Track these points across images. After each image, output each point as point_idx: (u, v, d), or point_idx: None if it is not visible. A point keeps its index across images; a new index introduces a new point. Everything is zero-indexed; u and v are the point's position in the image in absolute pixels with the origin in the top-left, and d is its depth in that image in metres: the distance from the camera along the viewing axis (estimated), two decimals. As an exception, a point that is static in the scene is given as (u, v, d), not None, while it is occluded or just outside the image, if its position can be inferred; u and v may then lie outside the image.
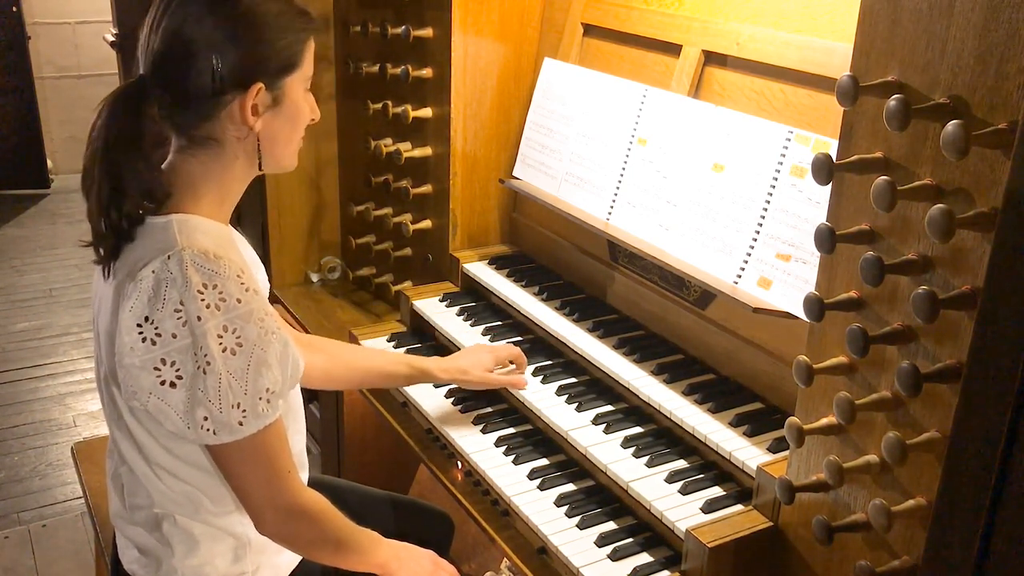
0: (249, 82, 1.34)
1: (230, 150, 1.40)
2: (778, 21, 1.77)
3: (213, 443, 1.35)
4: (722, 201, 1.79)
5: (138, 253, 1.33)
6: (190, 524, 1.47)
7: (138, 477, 1.46)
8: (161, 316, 1.28)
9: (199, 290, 1.27)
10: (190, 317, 1.27)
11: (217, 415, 1.31)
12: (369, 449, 2.51)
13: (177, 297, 1.27)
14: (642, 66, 2.11)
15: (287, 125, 1.43)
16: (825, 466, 1.29)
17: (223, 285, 1.29)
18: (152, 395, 1.31)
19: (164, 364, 1.29)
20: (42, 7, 6.61)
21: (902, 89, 1.16)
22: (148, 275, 1.29)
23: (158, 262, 1.29)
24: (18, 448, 3.67)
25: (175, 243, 1.31)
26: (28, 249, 5.67)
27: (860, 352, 1.20)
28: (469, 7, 2.24)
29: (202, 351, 1.28)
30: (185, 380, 1.30)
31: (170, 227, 1.33)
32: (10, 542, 3.11)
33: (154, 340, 1.28)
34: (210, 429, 1.32)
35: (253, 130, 1.38)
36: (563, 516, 1.66)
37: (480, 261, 2.39)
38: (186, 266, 1.28)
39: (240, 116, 1.36)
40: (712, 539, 1.46)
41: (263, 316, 1.34)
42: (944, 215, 1.05)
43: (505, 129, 2.40)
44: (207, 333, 1.28)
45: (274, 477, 1.41)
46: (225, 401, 1.31)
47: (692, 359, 1.91)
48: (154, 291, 1.28)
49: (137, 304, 1.29)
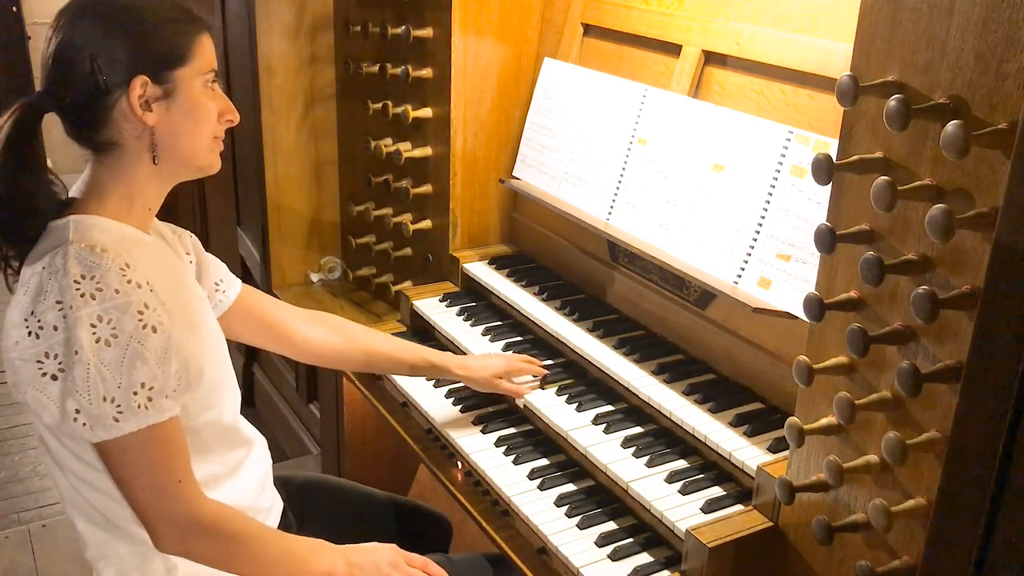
0: (131, 75, 1.35)
1: (132, 150, 1.40)
2: (778, 21, 1.77)
3: (91, 439, 1.32)
4: (722, 201, 1.79)
5: (35, 254, 1.35)
6: (114, 543, 1.45)
7: (62, 493, 1.45)
8: (43, 308, 1.28)
9: (76, 280, 1.27)
10: (66, 308, 1.27)
11: (88, 407, 1.29)
12: (369, 449, 2.51)
13: (57, 288, 1.28)
14: (642, 66, 2.11)
15: (186, 120, 1.41)
16: (825, 466, 1.29)
17: (101, 276, 1.29)
18: (32, 387, 1.31)
19: (47, 357, 1.29)
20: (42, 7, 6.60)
21: (902, 89, 1.16)
22: (38, 271, 1.31)
23: (47, 258, 1.30)
24: (18, 448, 3.67)
25: (66, 239, 1.32)
26: (28, 249, 5.66)
27: (860, 352, 1.20)
28: (469, 7, 2.24)
29: (74, 341, 1.27)
30: (65, 372, 1.29)
31: (67, 227, 1.34)
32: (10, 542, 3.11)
33: (37, 334, 1.29)
34: (85, 423, 1.30)
35: (147, 124, 1.38)
36: (563, 516, 1.66)
37: (480, 261, 2.39)
38: (69, 259, 1.29)
39: (130, 111, 1.36)
40: (712, 539, 1.46)
41: (143, 310, 1.31)
42: (944, 215, 1.05)
43: (505, 129, 2.40)
44: (79, 322, 1.26)
45: (164, 486, 1.34)
46: (95, 393, 1.28)
47: (692, 359, 1.91)
48: (39, 286, 1.29)
49: (24, 299, 1.31)
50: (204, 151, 1.45)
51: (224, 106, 1.46)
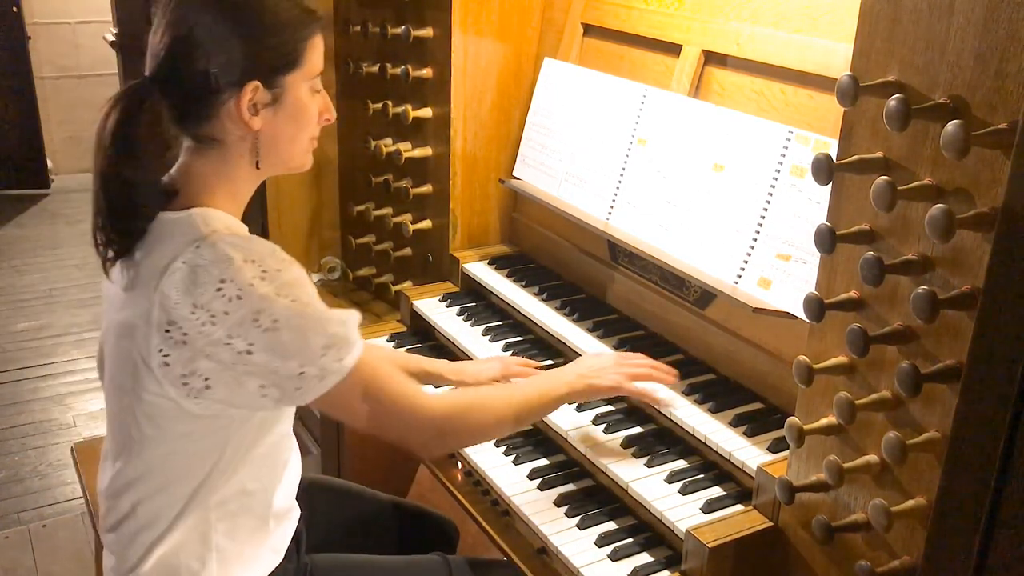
0: (244, 80, 1.34)
1: (234, 150, 1.39)
2: (778, 21, 1.77)
3: (321, 391, 1.33)
4: (722, 201, 1.79)
5: (161, 249, 1.32)
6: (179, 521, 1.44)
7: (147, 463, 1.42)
8: (207, 299, 1.26)
9: (242, 264, 1.27)
10: (243, 287, 1.26)
11: (313, 361, 1.31)
12: (369, 449, 2.51)
13: (217, 276, 1.26)
14: (642, 66, 2.11)
15: (290, 124, 1.41)
16: (825, 466, 1.29)
17: (261, 259, 1.30)
18: (236, 365, 1.29)
19: (232, 339, 1.28)
20: (42, 7, 6.61)
21: (902, 89, 1.16)
22: (179, 267, 1.28)
23: (189, 252, 1.28)
24: (18, 448, 3.67)
25: (200, 232, 1.31)
26: (28, 249, 5.67)
27: (860, 352, 1.20)
28: (469, 7, 2.24)
29: (265, 313, 1.27)
30: (257, 345, 1.28)
31: (192, 219, 1.33)
32: (10, 542, 3.11)
33: (211, 322, 1.27)
34: (316, 375, 1.31)
35: (252, 129, 1.37)
36: (563, 516, 1.66)
37: (480, 261, 2.39)
38: (219, 247, 1.28)
39: (238, 115, 1.35)
40: (712, 539, 1.46)
41: (306, 281, 1.34)
42: (944, 215, 1.05)
43: (505, 129, 2.40)
44: (265, 296, 1.27)
45: (395, 407, 1.41)
46: (313, 347, 1.30)
47: (692, 359, 1.91)
48: (191, 279, 1.27)
49: (180, 297, 1.28)
50: (301, 153, 1.47)
51: (324, 105, 1.46)
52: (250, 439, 1.42)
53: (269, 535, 1.52)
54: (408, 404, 1.43)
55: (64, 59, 6.80)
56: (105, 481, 1.50)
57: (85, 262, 5.48)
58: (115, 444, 1.46)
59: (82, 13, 6.67)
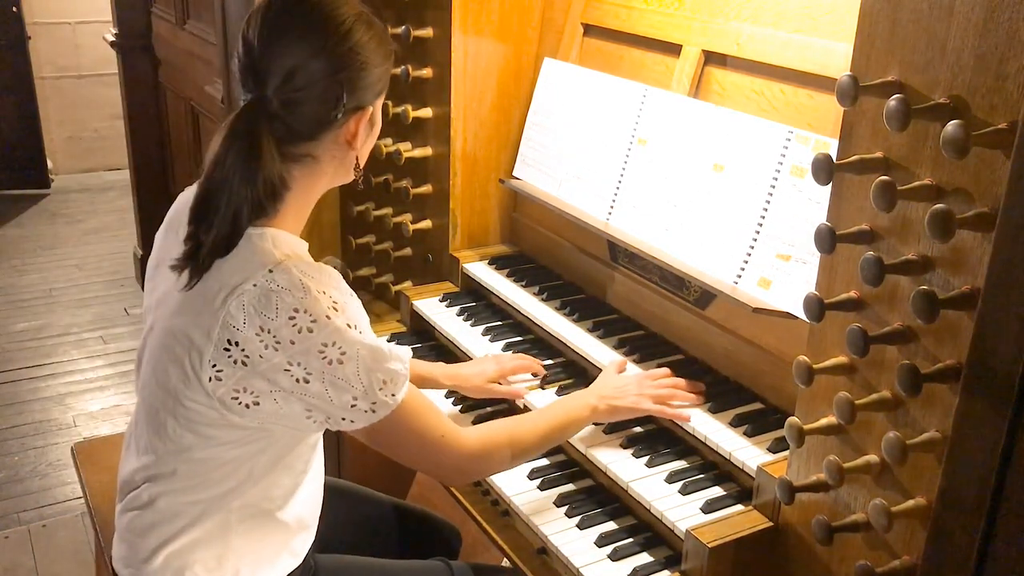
0: (360, 108, 1.40)
1: (325, 167, 1.44)
2: (778, 21, 1.77)
3: (370, 421, 1.37)
4: (722, 201, 1.79)
5: (232, 265, 1.33)
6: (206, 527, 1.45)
7: (177, 469, 1.43)
8: (276, 325, 1.28)
9: (317, 294, 1.30)
10: (317, 318, 1.29)
11: (367, 394, 1.34)
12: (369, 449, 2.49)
13: (291, 304, 1.28)
14: (642, 66, 2.11)
15: (369, 140, 1.50)
16: (825, 466, 1.29)
17: (330, 290, 1.33)
18: (292, 391, 1.32)
19: (292, 365, 1.30)
20: (42, 7, 6.61)
21: (902, 89, 1.16)
22: (250, 289, 1.29)
23: (261, 275, 1.30)
24: (18, 448, 3.67)
25: (272, 255, 1.32)
26: (28, 249, 5.67)
27: (860, 352, 1.20)
28: (469, 7, 2.24)
29: (335, 345, 1.30)
30: (315, 375, 1.31)
31: (264, 239, 1.35)
32: (10, 542, 3.11)
33: (275, 347, 1.29)
34: (367, 409, 1.35)
35: (354, 149, 1.44)
36: (563, 516, 1.66)
37: (480, 261, 2.39)
38: (298, 275, 1.30)
39: (347, 136, 1.41)
40: (712, 539, 1.46)
41: (364, 314, 1.39)
42: (944, 215, 1.05)
43: (505, 129, 2.40)
44: (338, 329, 1.30)
45: (432, 444, 1.46)
46: (372, 380, 1.34)
47: (692, 359, 1.91)
48: (262, 303, 1.29)
49: (248, 319, 1.29)
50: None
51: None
52: (286, 450, 1.45)
53: (291, 538, 1.53)
54: (445, 442, 1.47)
55: (64, 59, 6.80)
56: (128, 469, 1.52)
57: (85, 262, 5.49)
58: (145, 437, 1.46)
59: (82, 13, 6.67)
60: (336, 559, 1.71)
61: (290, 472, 1.48)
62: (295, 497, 1.51)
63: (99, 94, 6.81)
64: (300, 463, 1.50)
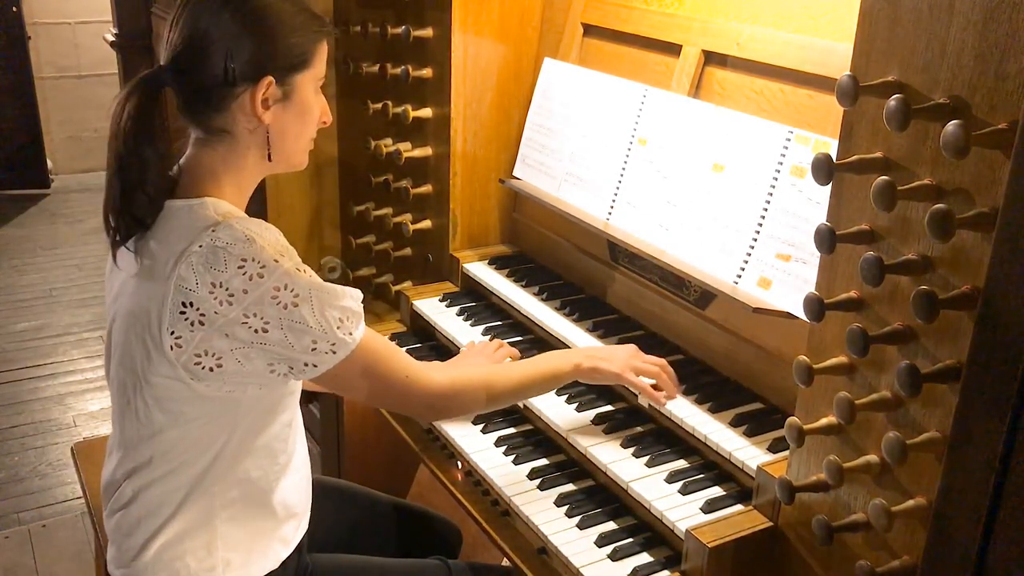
0: (260, 75, 1.40)
1: (243, 142, 1.45)
2: (778, 21, 1.77)
3: (333, 363, 1.39)
4: (722, 201, 1.79)
5: (176, 235, 1.36)
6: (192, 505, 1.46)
7: (161, 446, 1.44)
8: (227, 277, 1.31)
9: (263, 244, 1.33)
10: (266, 263, 1.32)
11: (326, 334, 1.36)
12: (369, 449, 2.51)
13: (238, 255, 1.31)
14: (642, 66, 2.11)
15: (296, 121, 1.48)
16: (825, 466, 1.29)
17: (274, 241, 1.36)
18: (252, 343, 1.34)
19: (249, 316, 1.32)
20: (42, 7, 6.61)
21: (902, 89, 1.16)
22: (197, 249, 1.32)
23: (206, 235, 1.33)
24: (18, 448, 3.67)
25: (214, 217, 1.36)
26: (28, 249, 5.67)
27: (860, 352, 1.20)
28: (469, 7, 2.24)
29: (287, 288, 1.33)
30: (273, 323, 1.33)
31: (204, 206, 1.38)
32: (10, 542, 3.11)
33: (229, 301, 1.32)
34: (327, 351, 1.37)
35: (263, 122, 1.43)
36: (563, 516, 1.66)
37: (480, 261, 2.39)
38: (238, 230, 1.33)
39: (251, 107, 1.41)
40: (712, 539, 1.46)
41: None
42: (944, 215, 1.05)
43: (505, 129, 2.40)
44: (288, 272, 1.33)
45: (396, 384, 1.49)
46: (329, 321, 1.36)
47: (692, 359, 1.91)
48: (210, 259, 1.31)
49: (199, 278, 1.31)
50: (301, 152, 1.54)
51: (323, 108, 1.53)
52: (256, 426, 1.46)
53: (278, 526, 1.53)
54: (410, 381, 1.50)
55: (64, 59, 6.79)
56: (108, 470, 1.53)
57: (85, 262, 5.48)
58: (120, 434, 1.48)
59: (82, 13, 6.67)
60: (333, 559, 1.71)
61: (268, 453, 1.49)
62: (280, 483, 1.52)
63: (99, 94, 6.81)
64: (278, 443, 1.51)
